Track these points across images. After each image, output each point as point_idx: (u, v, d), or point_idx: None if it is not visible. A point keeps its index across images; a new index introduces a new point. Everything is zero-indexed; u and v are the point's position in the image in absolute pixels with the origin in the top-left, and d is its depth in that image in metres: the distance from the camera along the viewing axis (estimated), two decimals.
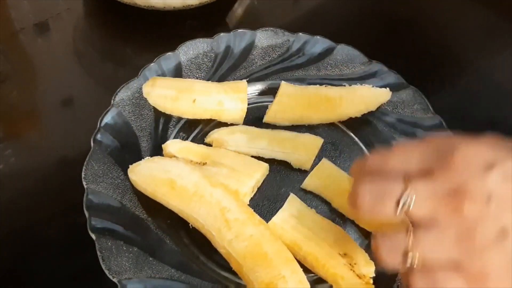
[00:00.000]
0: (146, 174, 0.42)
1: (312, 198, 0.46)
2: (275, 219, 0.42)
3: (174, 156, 0.45)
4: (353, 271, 0.39)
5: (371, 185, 0.31)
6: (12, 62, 0.56)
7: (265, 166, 0.46)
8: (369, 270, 0.39)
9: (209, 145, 0.47)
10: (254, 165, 0.46)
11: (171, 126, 0.48)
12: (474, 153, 0.30)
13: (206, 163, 0.45)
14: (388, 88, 0.51)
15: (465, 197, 0.28)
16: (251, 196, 0.45)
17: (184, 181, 0.40)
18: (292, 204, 0.44)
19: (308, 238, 0.41)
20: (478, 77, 0.60)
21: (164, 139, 0.47)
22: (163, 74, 0.50)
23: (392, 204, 0.29)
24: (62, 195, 0.45)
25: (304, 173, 0.47)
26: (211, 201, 0.39)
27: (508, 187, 0.29)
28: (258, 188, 0.46)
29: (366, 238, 0.44)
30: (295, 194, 0.46)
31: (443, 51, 0.62)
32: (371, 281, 0.39)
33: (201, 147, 0.46)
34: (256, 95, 0.52)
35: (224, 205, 0.39)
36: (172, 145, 0.45)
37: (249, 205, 0.43)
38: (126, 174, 0.43)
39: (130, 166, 0.43)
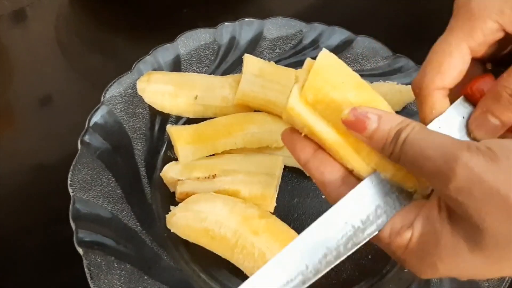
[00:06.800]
0: (183, 224, 0.41)
1: None
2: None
3: (179, 180, 0.44)
4: None
5: None
6: None
7: (280, 160, 0.45)
8: None
9: None
10: (269, 161, 0.45)
11: None
12: None
13: (215, 174, 0.44)
14: None
15: None
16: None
17: (223, 230, 0.40)
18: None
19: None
20: None
21: (161, 141, 0.47)
22: (159, 68, 0.50)
23: None
24: (44, 205, 0.45)
25: None
26: (254, 252, 0.40)
27: None
28: None
29: None
30: (312, 206, 0.46)
31: None
32: None
33: (203, 160, 0.45)
34: None
35: (269, 258, 0.39)
36: (171, 170, 0.44)
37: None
38: (117, 180, 0.43)
39: (166, 216, 0.42)
